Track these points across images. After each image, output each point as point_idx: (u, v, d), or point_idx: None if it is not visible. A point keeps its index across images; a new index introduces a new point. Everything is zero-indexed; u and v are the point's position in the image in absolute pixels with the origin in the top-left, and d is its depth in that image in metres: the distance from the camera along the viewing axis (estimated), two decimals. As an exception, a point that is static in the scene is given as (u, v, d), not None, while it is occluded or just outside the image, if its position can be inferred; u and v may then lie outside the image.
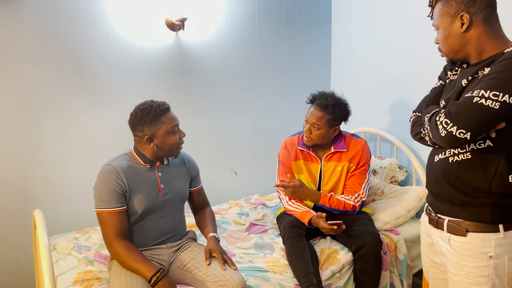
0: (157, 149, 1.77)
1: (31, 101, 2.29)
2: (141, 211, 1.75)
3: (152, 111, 1.74)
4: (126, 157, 1.81)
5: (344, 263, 2.02)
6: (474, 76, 1.27)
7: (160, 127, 1.75)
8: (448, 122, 1.19)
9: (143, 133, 1.75)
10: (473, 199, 1.29)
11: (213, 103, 2.85)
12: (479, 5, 1.24)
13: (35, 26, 2.25)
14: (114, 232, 1.67)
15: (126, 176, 1.72)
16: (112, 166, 1.73)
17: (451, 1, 1.27)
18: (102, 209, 1.68)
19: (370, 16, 2.89)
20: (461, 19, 1.25)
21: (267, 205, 2.76)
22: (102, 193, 1.69)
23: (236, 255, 2.04)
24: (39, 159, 2.34)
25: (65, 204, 2.43)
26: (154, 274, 1.60)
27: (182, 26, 2.55)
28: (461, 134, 1.17)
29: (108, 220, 1.68)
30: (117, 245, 1.66)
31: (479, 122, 1.16)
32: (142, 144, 1.78)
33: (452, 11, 1.26)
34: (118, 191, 1.69)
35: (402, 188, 2.50)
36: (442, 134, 1.21)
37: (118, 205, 1.69)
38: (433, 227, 1.42)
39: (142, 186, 1.76)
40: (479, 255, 1.27)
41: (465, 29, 1.25)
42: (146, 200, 1.76)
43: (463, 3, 1.24)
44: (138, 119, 1.75)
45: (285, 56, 3.10)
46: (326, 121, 2.15)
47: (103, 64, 2.45)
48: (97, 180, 1.72)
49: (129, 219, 1.76)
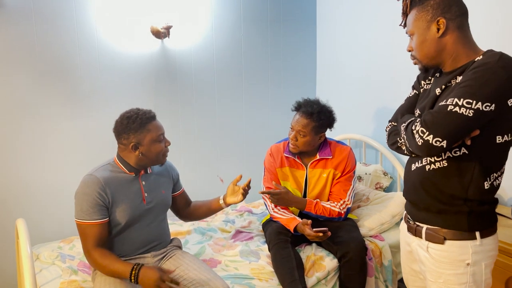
0: (142, 156, 1.77)
1: (12, 108, 2.28)
2: (125, 221, 1.74)
3: (138, 119, 1.74)
4: (109, 167, 1.79)
5: (329, 269, 2.03)
6: (447, 84, 1.29)
7: (146, 135, 1.75)
8: (424, 131, 1.21)
9: (128, 140, 1.74)
10: (450, 207, 1.31)
11: (198, 110, 2.86)
12: (454, 11, 1.26)
13: (18, 32, 2.24)
14: (93, 243, 1.67)
15: (109, 187, 1.71)
16: (95, 177, 1.70)
17: (427, 7, 1.29)
18: (82, 220, 1.67)
19: (355, 24, 2.93)
20: (437, 24, 1.27)
21: (253, 212, 2.76)
22: (83, 204, 1.67)
23: (222, 262, 2.04)
24: (21, 167, 2.33)
25: (49, 213, 2.42)
26: (131, 270, 1.60)
27: (167, 34, 2.56)
28: (437, 142, 1.19)
29: (88, 232, 1.67)
30: (95, 253, 1.66)
31: (454, 130, 1.18)
32: (127, 152, 1.77)
33: (428, 16, 1.28)
34: (100, 203, 1.68)
35: (387, 194, 2.53)
36: (419, 143, 1.23)
37: (99, 217, 1.68)
38: (412, 235, 1.44)
39: (125, 196, 1.76)
40: (457, 263, 1.29)
41: (441, 34, 1.27)
42: (129, 210, 1.75)
43: (439, 9, 1.27)
44: (124, 127, 1.74)
45: (271, 63, 3.12)
46: (311, 128, 2.17)
47: (87, 71, 2.45)
48: (79, 190, 1.70)
49: (112, 230, 1.75)
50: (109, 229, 1.74)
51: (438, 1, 1.27)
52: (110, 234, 1.75)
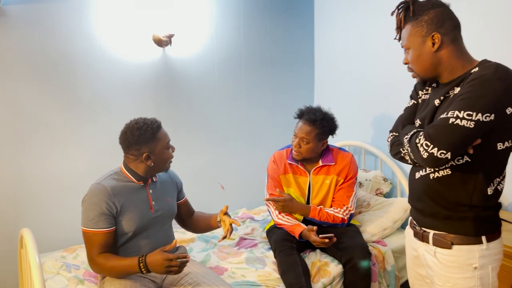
0: (153, 165, 1.78)
1: (14, 115, 2.28)
2: (133, 229, 1.75)
3: (149, 129, 1.75)
4: (115, 176, 1.79)
5: (334, 275, 2.06)
6: (445, 95, 1.33)
7: (157, 144, 1.76)
8: (429, 144, 1.24)
9: (140, 151, 1.75)
10: (456, 213, 1.34)
11: (199, 118, 2.88)
12: (448, 25, 1.30)
13: (21, 41, 2.25)
14: (98, 251, 1.68)
15: (117, 197, 1.71)
16: (103, 186, 1.71)
17: (421, 22, 1.32)
18: (88, 229, 1.67)
19: (353, 33, 2.98)
20: (432, 38, 1.30)
21: (255, 219, 2.78)
22: (90, 213, 1.67)
23: (228, 270, 2.05)
24: (21, 175, 2.32)
25: (51, 222, 2.41)
26: (139, 262, 1.62)
27: (169, 42, 2.59)
28: (442, 154, 1.22)
29: (93, 240, 1.67)
30: (99, 258, 1.67)
31: (457, 141, 1.21)
32: (137, 162, 1.78)
33: (423, 31, 1.32)
34: (107, 212, 1.68)
35: (388, 200, 2.56)
36: (424, 156, 1.25)
37: (106, 226, 1.68)
38: (419, 240, 1.46)
39: (133, 205, 1.76)
40: (465, 267, 1.32)
41: (436, 48, 1.31)
42: (137, 218, 1.76)
43: (433, 24, 1.30)
44: (135, 138, 1.74)
45: (270, 72, 3.15)
46: (314, 135, 2.20)
47: (89, 79, 2.46)
48: (87, 198, 1.70)
49: (120, 239, 1.75)
50: (115, 238, 1.74)
51: (432, 17, 1.30)
52: (117, 243, 1.76)
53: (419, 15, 1.32)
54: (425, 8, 1.31)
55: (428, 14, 1.30)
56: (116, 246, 1.76)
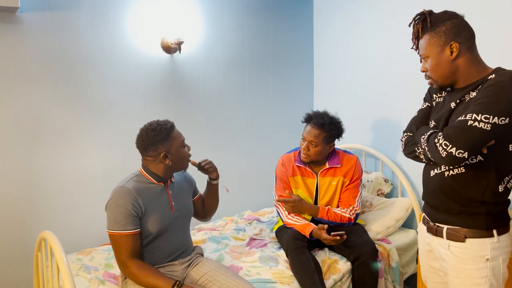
0: (172, 164, 1.84)
1: (31, 120, 2.32)
2: (156, 230, 1.80)
3: (163, 129, 1.82)
4: (136, 178, 1.84)
5: (344, 272, 2.15)
6: (461, 99, 1.44)
7: (172, 143, 1.83)
8: (448, 143, 1.34)
9: (157, 151, 1.81)
10: (469, 208, 1.44)
11: (205, 121, 2.95)
12: (464, 35, 1.42)
13: (35, 47, 2.30)
14: (127, 253, 1.71)
15: (141, 198, 1.76)
16: (127, 189, 1.76)
17: (440, 32, 1.42)
18: (115, 231, 1.71)
19: (351, 35, 3.09)
20: (450, 47, 1.41)
21: (261, 220, 2.86)
22: (116, 215, 1.71)
23: (243, 268, 2.12)
24: (36, 179, 2.36)
25: (65, 225, 2.44)
26: (172, 286, 1.67)
27: (179, 49, 2.65)
28: (460, 154, 1.33)
29: (122, 242, 1.71)
30: (131, 265, 1.70)
31: (474, 142, 1.32)
32: (156, 163, 1.83)
33: (441, 41, 1.42)
34: (134, 213, 1.73)
35: (389, 200, 2.68)
36: (443, 155, 1.36)
37: (133, 228, 1.72)
38: (432, 235, 1.56)
39: (155, 206, 1.82)
40: (477, 258, 1.43)
41: (454, 57, 1.42)
42: (160, 219, 1.81)
43: (451, 34, 1.41)
44: (151, 139, 1.80)
45: (273, 77, 3.25)
46: (323, 139, 2.30)
47: (101, 84, 2.52)
48: (112, 202, 1.74)
49: (143, 240, 1.80)
50: (141, 240, 1.78)
51: (450, 27, 1.41)
52: (142, 244, 1.81)
53: (437, 26, 1.42)
54: (442, 19, 1.42)
55: (445, 24, 1.41)
56: (142, 248, 1.81)
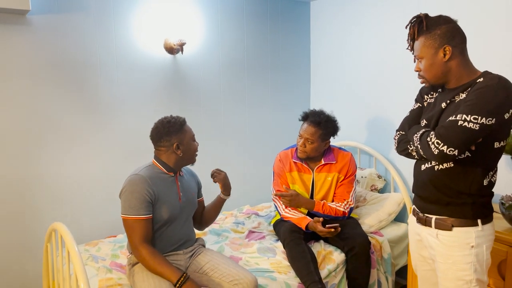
0: (183, 155, 1.96)
1: (39, 119, 2.41)
2: (166, 217, 1.91)
3: (177, 122, 1.97)
4: (150, 168, 1.96)
5: (338, 262, 2.27)
6: (451, 99, 1.55)
7: (185, 135, 1.97)
8: (440, 142, 1.45)
9: (171, 142, 1.94)
10: (456, 200, 1.56)
11: (205, 120, 3.04)
12: (457, 39, 1.53)
13: (44, 48, 2.38)
14: (140, 238, 1.81)
15: (154, 185, 1.87)
16: (142, 176, 1.87)
17: (435, 35, 1.53)
18: (130, 216, 1.81)
19: (347, 39, 3.21)
20: (444, 50, 1.52)
21: (259, 214, 2.97)
22: (132, 201, 1.82)
23: (243, 259, 2.23)
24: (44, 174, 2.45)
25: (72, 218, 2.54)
26: (179, 278, 1.77)
27: (181, 50, 2.75)
28: (450, 151, 1.44)
29: (135, 226, 1.81)
30: (143, 249, 1.80)
31: (464, 140, 1.43)
32: (168, 153, 1.95)
33: (436, 43, 1.53)
34: (148, 199, 1.83)
35: (382, 195, 2.80)
36: (435, 152, 1.47)
37: (146, 213, 1.83)
38: (422, 225, 1.67)
39: (167, 195, 1.93)
40: (463, 246, 1.54)
41: (447, 59, 1.52)
42: (170, 207, 1.92)
43: (446, 37, 1.52)
44: (165, 130, 1.94)
45: (271, 76, 3.35)
46: (319, 136, 2.41)
47: (106, 83, 2.61)
48: (127, 188, 1.85)
49: (153, 227, 1.90)
50: (153, 226, 1.89)
51: (444, 31, 1.52)
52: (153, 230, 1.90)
53: (432, 29, 1.52)
54: (438, 23, 1.52)
55: (440, 28, 1.51)
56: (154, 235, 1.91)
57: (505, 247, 1.82)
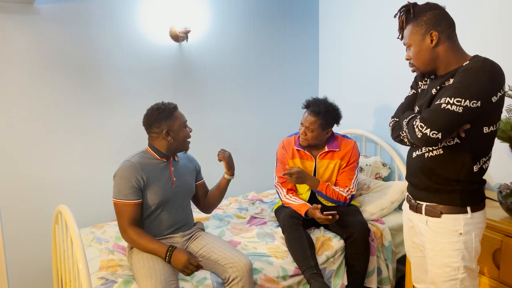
0: (173, 141, 2.01)
1: (46, 107, 2.50)
2: (158, 201, 1.97)
3: (166, 109, 2.01)
4: (143, 154, 2.03)
5: (337, 249, 2.28)
6: (441, 85, 1.54)
7: (174, 122, 2.01)
8: (423, 125, 1.45)
9: (161, 128, 1.99)
10: (446, 187, 1.55)
11: (212, 107, 3.09)
12: (444, 24, 1.51)
13: (52, 37, 2.46)
14: (128, 221, 1.90)
15: (144, 171, 1.94)
16: (133, 163, 1.94)
17: (421, 22, 1.53)
18: (119, 200, 1.90)
19: (355, 29, 3.18)
20: (430, 36, 1.51)
21: (264, 200, 3.00)
22: (121, 186, 1.90)
23: (241, 243, 2.27)
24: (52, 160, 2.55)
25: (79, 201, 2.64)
26: (166, 251, 1.85)
27: (186, 38, 2.78)
28: (434, 134, 1.43)
29: (124, 210, 1.90)
30: (131, 231, 1.89)
31: (447, 123, 1.42)
32: (159, 139, 2.01)
33: (422, 30, 1.53)
34: (136, 186, 1.91)
35: (386, 183, 2.78)
36: (419, 136, 1.47)
37: (135, 198, 1.91)
38: (413, 212, 1.68)
39: (158, 180, 1.99)
40: (451, 233, 1.53)
41: (434, 45, 1.52)
42: (161, 192, 1.98)
43: (431, 23, 1.51)
44: (155, 117, 1.99)
45: (277, 65, 3.36)
46: (319, 125, 2.42)
47: (114, 72, 2.68)
48: (118, 173, 1.93)
49: (145, 211, 1.97)
50: (142, 210, 1.96)
51: (430, 17, 1.51)
52: (143, 215, 1.98)
53: (419, 16, 1.52)
54: (424, 10, 1.52)
55: (426, 15, 1.51)
56: (143, 219, 1.99)
57: (500, 236, 1.79)
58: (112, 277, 1.90)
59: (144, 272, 1.79)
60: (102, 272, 1.95)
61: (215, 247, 2.02)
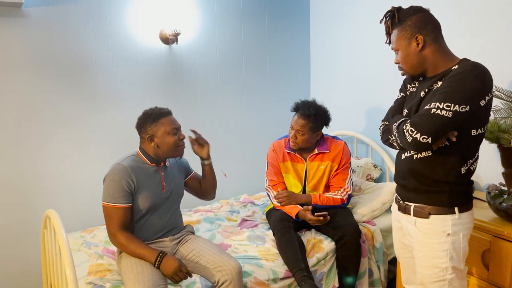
0: (157, 148, 1.98)
1: (35, 110, 2.48)
2: (147, 206, 1.95)
3: (152, 114, 1.99)
4: (134, 158, 2.00)
5: (328, 251, 2.28)
6: (429, 88, 1.55)
7: (159, 128, 1.97)
8: (413, 130, 1.46)
9: (146, 133, 1.98)
10: (434, 188, 1.55)
11: (203, 109, 3.08)
12: (429, 28, 1.52)
13: (40, 39, 2.45)
14: (117, 225, 1.88)
15: (135, 175, 1.92)
16: (123, 166, 1.92)
17: (406, 27, 1.54)
18: (109, 203, 1.88)
19: (346, 30, 3.18)
20: (416, 40, 1.52)
21: (255, 203, 3.00)
22: (111, 189, 1.88)
23: (232, 246, 2.26)
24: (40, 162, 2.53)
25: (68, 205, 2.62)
26: (156, 257, 1.83)
27: (176, 40, 2.78)
28: (424, 139, 1.44)
29: (113, 214, 1.88)
30: (120, 236, 1.87)
31: (437, 128, 1.43)
32: (146, 143, 2.00)
33: (408, 34, 1.53)
34: (126, 189, 1.89)
35: (377, 185, 2.78)
36: (409, 140, 1.47)
37: (125, 202, 1.89)
38: (402, 213, 1.68)
39: (148, 185, 1.97)
40: (439, 233, 1.54)
41: (420, 48, 1.52)
42: (151, 197, 1.97)
43: (416, 27, 1.52)
44: (142, 121, 1.99)
45: (269, 65, 3.36)
46: (309, 128, 2.42)
47: (103, 73, 2.66)
48: (109, 176, 1.91)
49: (135, 216, 1.95)
50: (132, 215, 1.94)
51: (415, 21, 1.52)
52: (133, 219, 1.96)
53: (404, 20, 1.53)
54: (408, 14, 1.53)
55: (411, 19, 1.52)
56: (133, 223, 1.97)
57: (489, 236, 1.80)
58: (101, 282, 1.89)
59: (132, 277, 1.78)
60: (90, 277, 1.93)
61: (204, 250, 2.01)
